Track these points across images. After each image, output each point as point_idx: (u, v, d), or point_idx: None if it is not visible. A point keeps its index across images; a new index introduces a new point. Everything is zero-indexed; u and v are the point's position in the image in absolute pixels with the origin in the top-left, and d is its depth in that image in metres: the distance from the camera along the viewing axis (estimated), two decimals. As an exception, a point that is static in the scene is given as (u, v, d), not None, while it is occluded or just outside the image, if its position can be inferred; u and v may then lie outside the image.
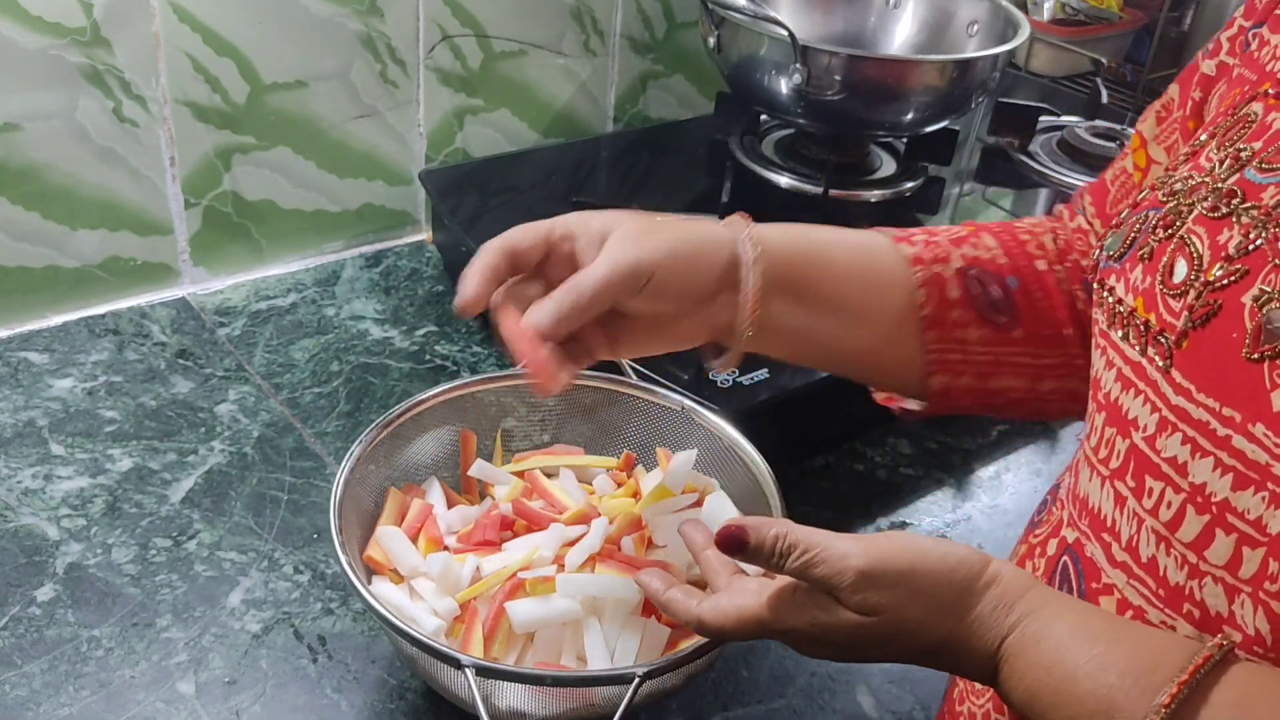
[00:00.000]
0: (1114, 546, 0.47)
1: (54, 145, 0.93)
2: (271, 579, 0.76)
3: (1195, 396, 0.43)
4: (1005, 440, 0.98)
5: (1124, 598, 0.47)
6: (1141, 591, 0.46)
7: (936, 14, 1.26)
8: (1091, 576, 0.49)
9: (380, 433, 0.72)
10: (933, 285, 0.62)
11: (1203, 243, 0.45)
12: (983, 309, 0.63)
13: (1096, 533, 0.49)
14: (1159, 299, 0.45)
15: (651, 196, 1.17)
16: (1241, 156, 0.47)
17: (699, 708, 0.71)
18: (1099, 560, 0.48)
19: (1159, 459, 0.44)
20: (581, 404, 0.79)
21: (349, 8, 1.04)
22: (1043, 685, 0.44)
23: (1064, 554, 0.51)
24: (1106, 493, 0.48)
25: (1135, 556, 0.46)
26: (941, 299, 0.62)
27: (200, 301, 1.04)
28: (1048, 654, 0.44)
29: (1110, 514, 0.47)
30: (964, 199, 1.25)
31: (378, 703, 0.69)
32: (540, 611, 0.64)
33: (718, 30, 1.11)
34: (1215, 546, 0.42)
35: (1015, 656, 0.45)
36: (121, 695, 0.68)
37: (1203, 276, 0.44)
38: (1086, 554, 0.49)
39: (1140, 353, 0.46)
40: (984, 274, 0.63)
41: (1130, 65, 1.68)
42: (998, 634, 0.46)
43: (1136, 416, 0.46)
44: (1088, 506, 0.49)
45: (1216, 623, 0.43)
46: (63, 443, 0.86)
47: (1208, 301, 0.43)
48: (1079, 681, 0.43)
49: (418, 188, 1.17)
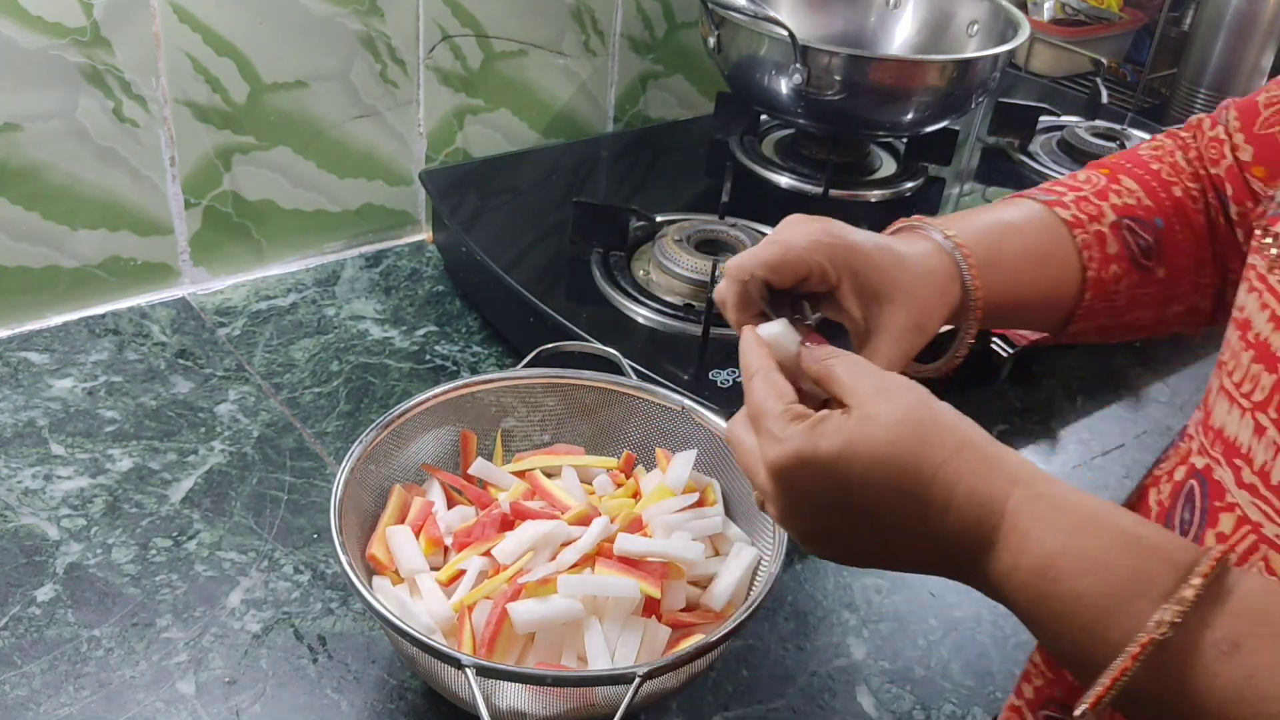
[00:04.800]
0: (1244, 470, 0.48)
1: (54, 145, 0.93)
2: (271, 579, 0.76)
3: None
4: (1005, 440, 0.97)
5: (1244, 515, 0.47)
6: (1264, 509, 0.46)
7: (936, 14, 1.27)
8: (1216, 496, 0.49)
9: (380, 433, 0.72)
10: (1094, 246, 0.63)
11: None
12: (1136, 258, 0.64)
13: (1229, 459, 0.49)
14: None
15: (651, 196, 1.17)
16: None
17: (699, 708, 0.71)
18: (1226, 482, 0.49)
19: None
20: (581, 404, 0.79)
21: (349, 8, 1.04)
22: (1066, 549, 0.42)
23: (1191, 478, 0.52)
24: (1245, 423, 0.48)
25: (1265, 479, 0.46)
26: (1104, 258, 0.63)
27: (200, 301, 1.04)
28: (1074, 511, 0.43)
29: (1247, 441, 0.48)
30: (964, 199, 1.25)
31: (378, 703, 0.69)
32: (541, 611, 0.64)
33: (718, 30, 1.11)
34: None
35: (1024, 512, 0.44)
36: (121, 695, 0.68)
37: None
38: (1214, 477, 0.50)
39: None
40: (1136, 223, 0.64)
41: (1130, 65, 1.68)
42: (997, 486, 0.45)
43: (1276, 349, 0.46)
44: (1222, 436, 0.50)
45: None
46: (63, 443, 0.86)
47: None
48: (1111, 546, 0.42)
49: (418, 188, 1.17)
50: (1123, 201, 0.65)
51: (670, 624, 0.67)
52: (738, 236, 1.00)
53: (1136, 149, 0.69)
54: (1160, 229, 0.64)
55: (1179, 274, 0.65)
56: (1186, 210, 0.65)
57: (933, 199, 1.23)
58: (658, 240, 0.99)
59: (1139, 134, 1.36)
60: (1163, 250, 0.64)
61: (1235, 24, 1.51)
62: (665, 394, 0.77)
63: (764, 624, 0.77)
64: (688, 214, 1.06)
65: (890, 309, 0.58)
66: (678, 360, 0.89)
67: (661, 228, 1.02)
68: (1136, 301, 0.65)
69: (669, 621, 0.67)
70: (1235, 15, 1.50)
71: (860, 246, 0.57)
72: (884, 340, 0.58)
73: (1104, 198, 0.65)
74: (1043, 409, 1.03)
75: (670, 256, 0.97)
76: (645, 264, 1.00)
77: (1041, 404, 1.03)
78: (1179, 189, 0.65)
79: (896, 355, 0.58)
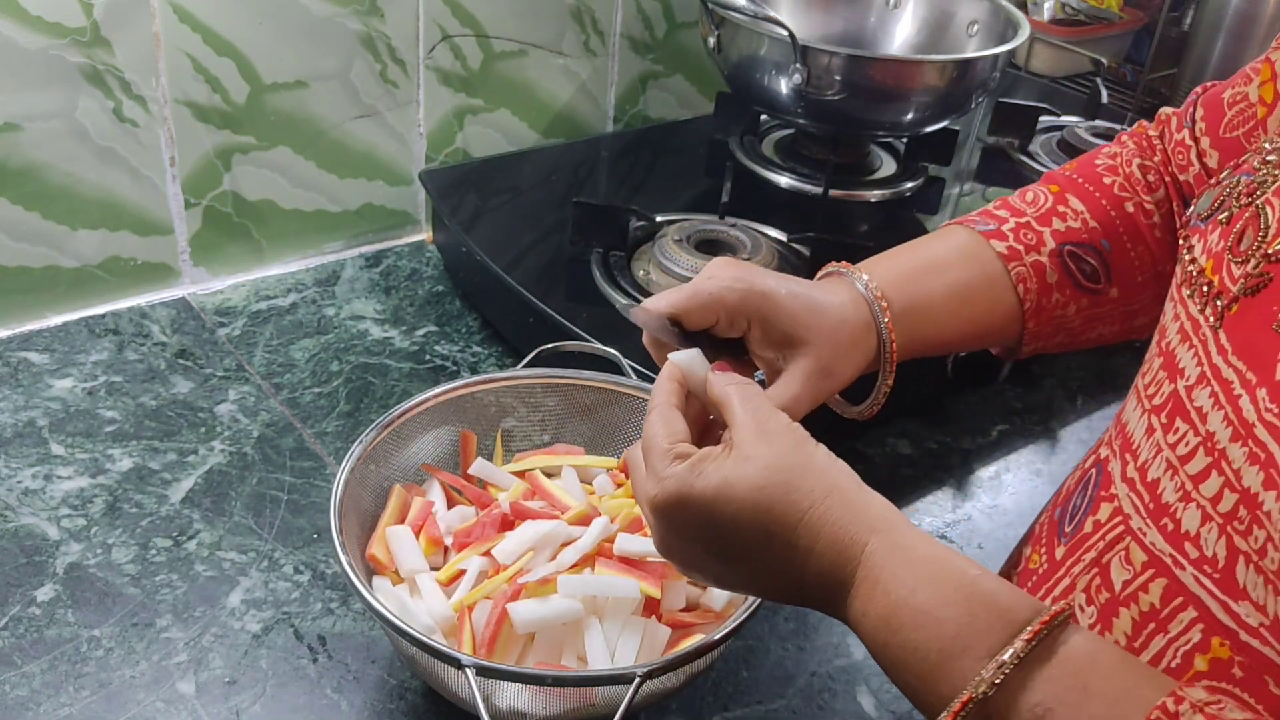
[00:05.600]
0: (1130, 465, 0.50)
1: (54, 145, 0.93)
2: (271, 579, 0.76)
3: (1229, 358, 0.45)
4: (1005, 440, 0.98)
5: (1120, 506, 0.50)
6: (1135, 502, 0.49)
7: (936, 14, 1.27)
8: (1104, 486, 0.52)
9: (380, 433, 0.72)
10: (1030, 278, 0.64)
11: (1274, 214, 0.46)
12: (1080, 283, 0.65)
13: (1123, 452, 0.52)
14: (1225, 264, 0.47)
15: (651, 196, 1.17)
16: None
17: (699, 708, 0.71)
18: (1115, 474, 0.52)
19: (1190, 406, 0.47)
20: (581, 404, 0.79)
21: (349, 8, 1.04)
22: (906, 602, 0.45)
23: (1093, 467, 0.55)
24: (1142, 422, 0.51)
25: (1143, 475, 0.49)
26: (1042, 287, 0.64)
27: (200, 301, 1.04)
28: (921, 567, 0.46)
29: (1139, 439, 0.50)
30: (964, 199, 1.25)
31: (378, 703, 0.69)
32: (541, 611, 0.64)
33: (718, 30, 1.11)
34: (1209, 483, 0.45)
35: (876, 561, 0.46)
36: (121, 695, 0.68)
37: (1264, 248, 0.45)
38: (1108, 468, 0.53)
39: (1199, 310, 0.48)
40: (1078, 248, 0.64)
41: (1130, 65, 1.68)
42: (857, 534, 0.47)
43: (1185, 367, 0.48)
44: (1124, 430, 0.53)
45: (1184, 538, 0.46)
46: (63, 443, 0.86)
47: (1262, 272, 0.45)
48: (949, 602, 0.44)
49: (418, 188, 1.17)
50: (1065, 226, 0.65)
51: (670, 624, 0.67)
52: (738, 236, 1.00)
53: (1094, 155, 0.69)
54: (1107, 250, 0.65)
55: (1134, 290, 0.66)
56: (1139, 226, 0.65)
57: (933, 199, 1.23)
58: (658, 240, 0.99)
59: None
60: (1111, 270, 0.65)
61: (1235, 24, 1.50)
62: (665, 394, 0.77)
63: (764, 624, 0.77)
64: (688, 214, 1.06)
65: (799, 353, 0.60)
66: (678, 360, 0.89)
67: (661, 228, 1.02)
68: (1094, 319, 0.66)
69: (669, 621, 0.67)
70: (1235, 15, 1.50)
71: (772, 293, 0.60)
72: (790, 382, 0.60)
73: (1046, 223, 0.65)
74: (1043, 409, 1.03)
75: (670, 256, 0.97)
76: (645, 264, 1.00)
77: (1041, 404, 1.03)
78: (1131, 204, 0.65)
79: (803, 396, 0.60)
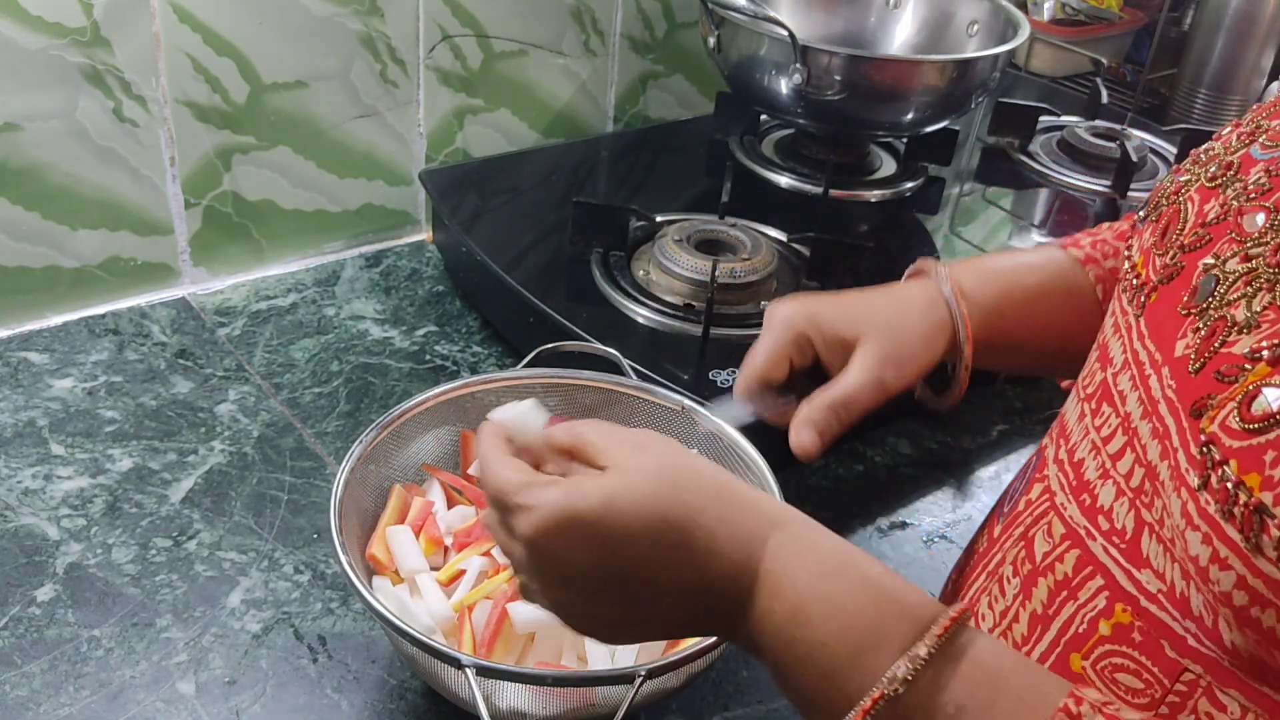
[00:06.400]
0: (1062, 448, 0.52)
1: (54, 145, 0.93)
2: (271, 579, 0.76)
3: (1145, 342, 0.47)
4: (1005, 440, 0.98)
5: (1048, 485, 0.52)
6: (1062, 481, 0.51)
7: (936, 14, 1.27)
8: (1039, 468, 0.54)
9: (380, 433, 0.72)
10: (1108, 280, 0.67)
11: (1193, 209, 0.48)
12: None
13: (1058, 438, 0.54)
14: (1150, 257, 0.49)
15: (651, 197, 1.17)
16: (1258, 131, 0.49)
17: (699, 708, 0.71)
18: (1049, 457, 0.53)
19: (1115, 390, 0.49)
20: (581, 404, 0.79)
21: (349, 8, 1.04)
22: (815, 592, 0.44)
23: (1036, 454, 0.57)
24: (1076, 409, 0.53)
25: (1071, 455, 0.51)
26: None
27: (200, 301, 1.04)
28: (827, 558, 0.45)
29: (1072, 425, 0.53)
30: (964, 199, 1.25)
31: (378, 703, 0.69)
32: (541, 612, 0.64)
33: (718, 30, 1.11)
34: (1124, 460, 0.46)
35: (781, 553, 0.45)
36: (121, 695, 0.68)
37: (1180, 239, 0.48)
38: (1045, 453, 0.55)
39: (1129, 302, 0.50)
40: None
41: (1130, 65, 1.68)
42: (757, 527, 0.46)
43: (1114, 356, 0.50)
44: (1063, 419, 0.55)
45: (1099, 512, 0.47)
46: (63, 443, 0.86)
47: (1178, 263, 0.47)
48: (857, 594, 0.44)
49: (418, 188, 1.17)
50: None
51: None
52: (738, 236, 1.00)
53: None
54: None
55: None
56: None
57: (933, 199, 1.23)
58: (658, 240, 0.99)
59: (1139, 134, 1.36)
60: None
61: (1235, 24, 1.50)
62: (665, 394, 0.77)
63: (764, 624, 0.77)
64: (688, 214, 1.06)
65: (858, 348, 0.64)
66: (678, 360, 0.89)
67: (661, 228, 1.02)
68: None
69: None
70: (1235, 15, 1.50)
71: (816, 309, 0.65)
72: (849, 373, 0.63)
73: (1123, 238, 0.68)
74: (1043, 408, 1.02)
75: (670, 256, 0.97)
76: (645, 264, 1.00)
77: (1041, 403, 1.03)
78: None
79: (866, 383, 0.63)
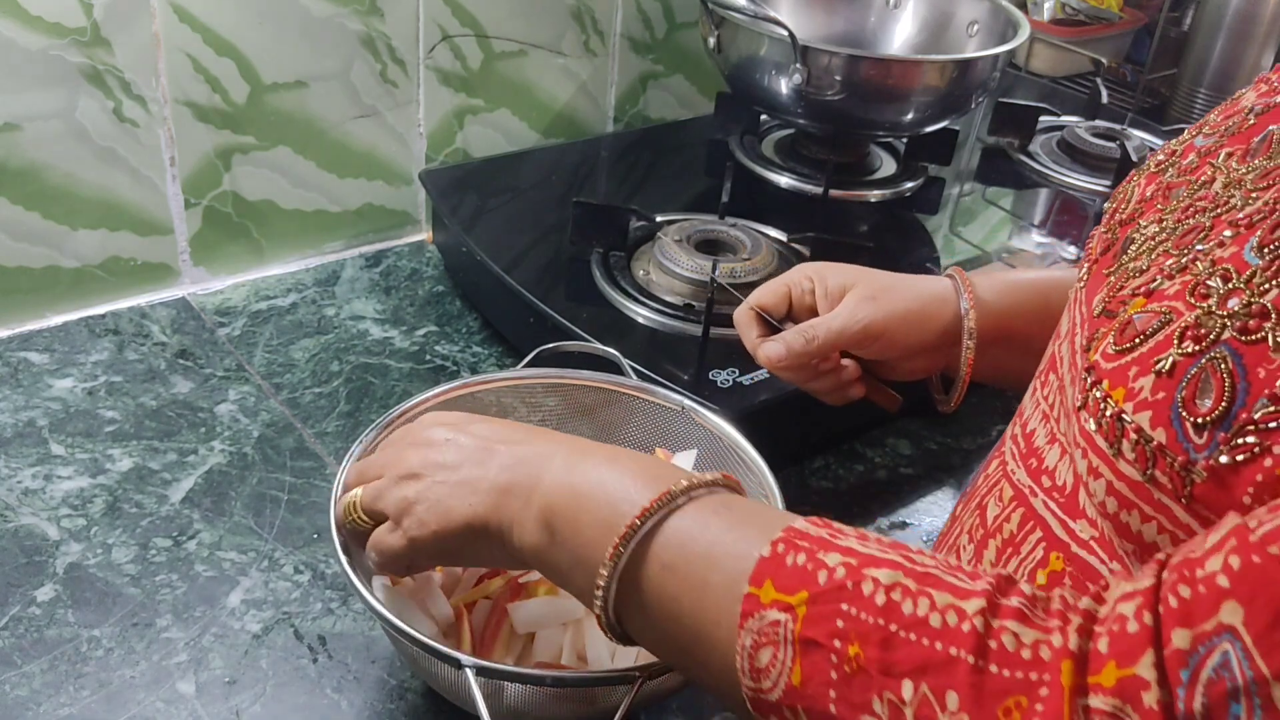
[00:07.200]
0: (1017, 423, 0.59)
1: (54, 145, 0.93)
2: (271, 579, 0.76)
3: (1081, 308, 0.53)
4: (1005, 440, 0.98)
5: (1004, 458, 0.58)
6: (1014, 451, 0.57)
7: (936, 14, 1.27)
8: (1001, 445, 0.60)
9: (380, 433, 0.71)
10: None
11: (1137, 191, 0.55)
12: None
13: (1016, 417, 0.60)
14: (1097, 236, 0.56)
15: (651, 196, 1.17)
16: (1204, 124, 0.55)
17: (699, 708, 0.71)
18: (1007, 435, 0.60)
19: (1059, 357, 0.55)
20: (581, 404, 0.79)
21: (349, 8, 1.04)
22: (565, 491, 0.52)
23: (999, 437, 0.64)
24: (1032, 386, 0.59)
25: (1024, 427, 0.57)
26: None
27: (200, 301, 1.04)
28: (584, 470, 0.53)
29: (1027, 400, 0.59)
30: (964, 199, 1.25)
31: (378, 703, 0.69)
32: (541, 611, 0.64)
33: (718, 30, 1.11)
34: (1064, 422, 0.52)
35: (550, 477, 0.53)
36: (121, 695, 0.67)
37: (1120, 217, 0.55)
38: (1012, 431, 0.60)
39: (1078, 279, 0.56)
40: None
41: (1130, 65, 1.68)
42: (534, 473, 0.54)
43: (1061, 328, 0.56)
44: (1022, 399, 0.61)
45: (1043, 472, 0.53)
46: (63, 443, 0.86)
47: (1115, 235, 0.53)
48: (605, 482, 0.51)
49: (418, 188, 1.17)
50: None
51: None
52: (738, 236, 1.00)
53: None
54: None
55: None
56: None
57: (933, 199, 1.23)
58: (658, 240, 0.99)
59: (1139, 134, 1.36)
60: None
61: (1235, 24, 1.51)
62: (665, 394, 0.77)
63: (764, 624, 0.77)
64: (688, 214, 1.06)
65: (851, 291, 0.74)
66: (678, 360, 0.89)
67: (661, 228, 1.02)
68: None
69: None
70: (1235, 15, 1.50)
71: (828, 267, 0.76)
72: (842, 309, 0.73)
73: None
74: (1043, 409, 1.03)
75: (670, 256, 0.97)
76: (645, 264, 1.00)
77: (1041, 404, 1.03)
78: None
79: (840, 312, 0.73)
